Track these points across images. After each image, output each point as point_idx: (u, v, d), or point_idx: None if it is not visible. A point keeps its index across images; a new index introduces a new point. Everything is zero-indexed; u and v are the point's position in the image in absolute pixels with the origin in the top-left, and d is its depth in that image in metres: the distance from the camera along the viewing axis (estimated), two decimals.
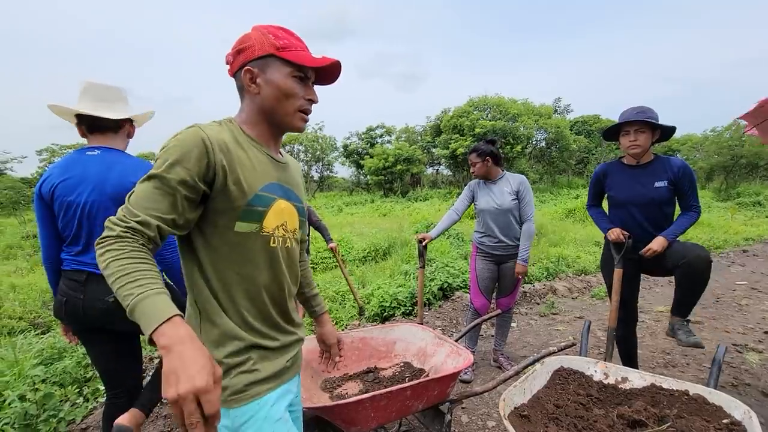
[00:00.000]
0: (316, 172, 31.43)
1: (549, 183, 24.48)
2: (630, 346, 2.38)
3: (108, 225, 0.75)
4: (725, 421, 1.25)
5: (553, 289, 4.98)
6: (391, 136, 31.22)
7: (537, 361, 1.60)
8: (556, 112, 30.14)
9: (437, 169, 33.77)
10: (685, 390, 1.43)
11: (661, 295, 4.85)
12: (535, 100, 25.24)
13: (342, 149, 31.06)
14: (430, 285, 4.34)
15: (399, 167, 25.30)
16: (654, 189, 2.10)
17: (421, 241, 2.63)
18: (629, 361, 2.38)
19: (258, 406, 0.89)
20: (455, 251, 6.03)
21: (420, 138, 30.95)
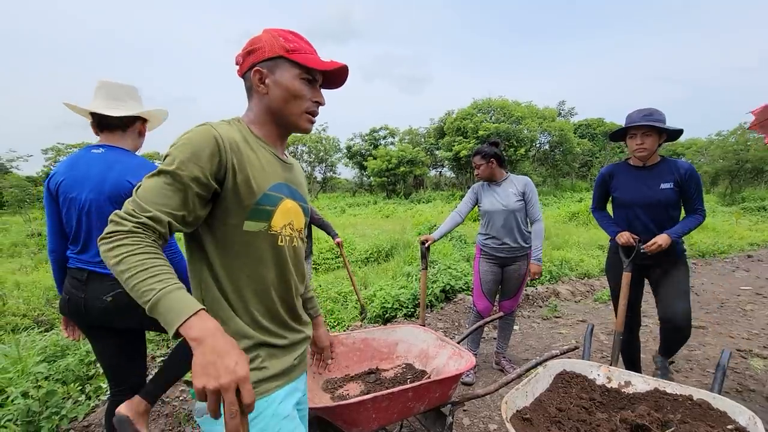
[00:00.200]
0: (320, 173, 31.50)
1: (552, 186, 24.41)
2: (633, 350, 2.37)
3: (116, 219, 0.74)
4: (730, 426, 1.24)
5: (555, 292, 4.96)
6: (394, 138, 31.25)
7: (539, 364, 1.59)
8: (560, 115, 30.07)
9: (440, 171, 33.75)
10: (689, 395, 1.41)
11: None
12: (538, 103, 25.24)
13: (345, 150, 31.12)
14: (433, 287, 4.34)
15: (402, 169, 25.31)
16: (659, 190, 2.09)
17: (423, 243, 2.63)
18: (632, 365, 2.37)
19: (266, 403, 0.89)
20: (458, 253, 6.02)
21: (423, 140, 30.96)
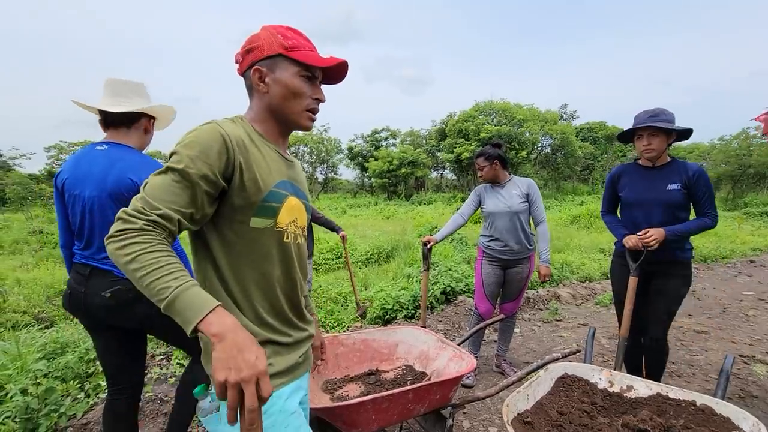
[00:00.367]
0: (321, 173, 31.52)
1: (554, 189, 24.37)
2: (637, 356, 2.35)
3: (125, 217, 0.72)
4: None
5: (556, 295, 4.94)
6: (396, 139, 31.29)
7: (540, 368, 1.58)
8: (562, 118, 30.07)
9: (441, 173, 33.76)
10: (692, 400, 1.40)
11: None
12: (540, 106, 25.29)
13: (347, 151, 31.16)
14: (433, 288, 4.33)
15: (403, 170, 25.32)
16: (666, 191, 2.06)
17: (426, 244, 2.61)
18: (637, 371, 2.35)
19: (273, 400, 0.89)
20: (458, 255, 6.01)
21: (425, 141, 30.98)
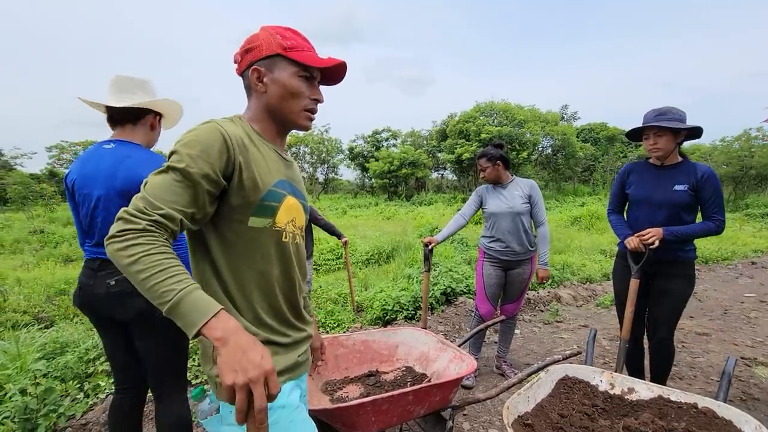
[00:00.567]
0: (321, 174, 31.56)
1: (554, 190, 24.36)
2: (638, 358, 2.34)
3: (126, 217, 0.71)
4: None
5: (557, 296, 4.93)
6: (396, 140, 31.32)
7: (541, 369, 1.57)
8: (563, 119, 30.08)
9: (442, 174, 33.79)
10: (693, 403, 1.39)
11: None
12: (541, 107, 25.24)
13: (347, 152, 31.19)
14: (434, 289, 4.32)
15: (404, 171, 25.34)
16: (672, 192, 2.04)
17: (427, 245, 2.61)
18: (638, 373, 2.34)
19: (277, 397, 0.89)
20: (459, 256, 6.00)
21: (425, 142, 31.00)
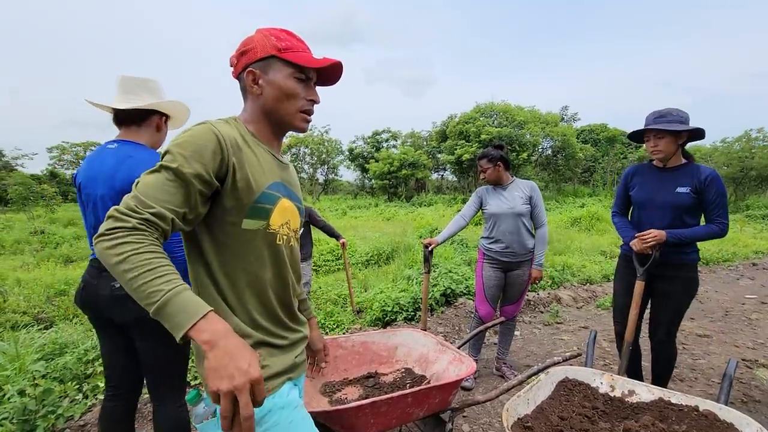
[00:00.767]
0: (321, 174, 31.57)
1: (554, 191, 24.35)
2: (635, 358, 2.33)
3: (116, 215, 0.70)
4: None
5: (557, 298, 4.92)
6: (396, 141, 31.36)
7: (541, 371, 1.57)
8: (563, 120, 30.10)
9: (442, 175, 33.83)
10: (694, 405, 1.38)
11: None
12: (541, 108, 25.28)
13: (347, 153, 31.21)
14: (433, 291, 4.31)
15: (404, 172, 25.34)
16: (675, 194, 2.03)
17: (427, 246, 2.60)
18: (635, 374, 2.33)
19: (275, 399, 0.90)
20: (459, 257, 5.99)
21: (425, 143, 31.03)
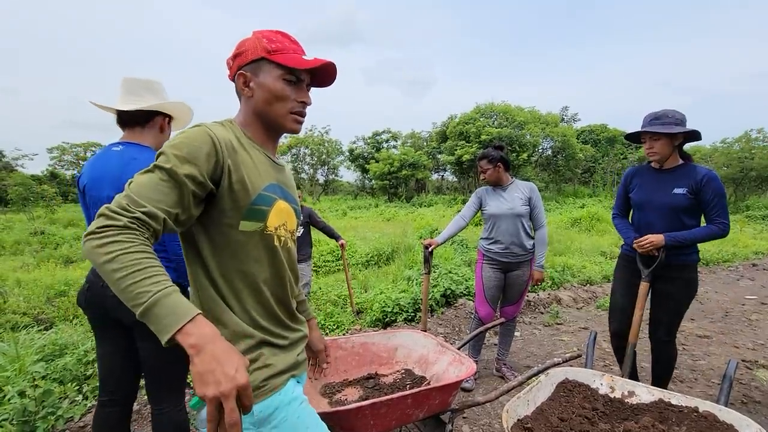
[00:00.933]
0: (322, 175, 31.62)
1: (555, 192, 24.35)
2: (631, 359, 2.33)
3: (107, 213, 0.69)
4: None
5: (557, 298, 4.92)
6: (397, 141, 31.38)
7: (541, 372, 1.57)
8: (563, 120, 30.11)
9: (442, 175, 33.83)
10: (694, 407, 1.38)
11: None
12: (541, 108, 25.26)
13: (348, 153, 31.24)
14: (433, 291, 4.31)
15: (404, 172, 25.35)
16: (672, 195, 2.03)
17: (427, 247, 2.60)
18: (631, 375, 2.33)
19: (281, 395, 0.91)
20: (459, 258, 5.99)
21: (426, 144, 31.05)
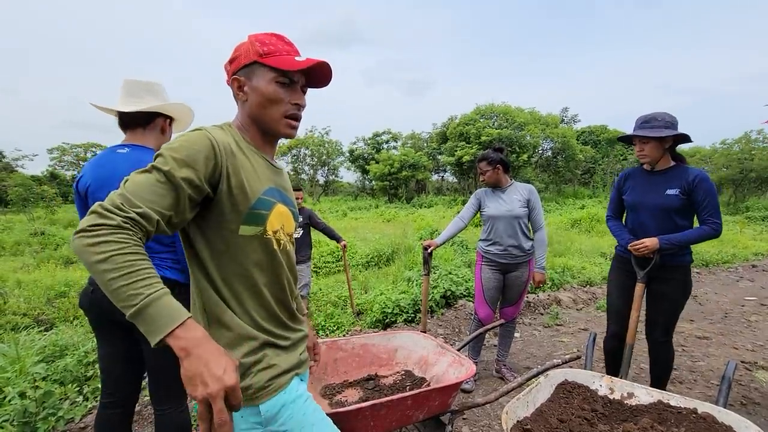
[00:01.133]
0: (322, 176, 31.63)
1: (554, 193, 24.37)
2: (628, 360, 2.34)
3: (100, 211, 0.68)
4: None
5: (557, 299, 4.92)
6: (397, 142, 31.41)
7: (541, 374, 1.57)
8: (563, 121, 30.14)
9: (442, 176, 33.86)
10: (693, 408, 1.39)
11: None
12: (541, 110, 25.30)
13: (348, 154, 31.26)
14: (433, 292, 4.31)
15: (404, 173, 25.37)
16: (664, 196, 2.06)
17: (426, 248, 2.61)
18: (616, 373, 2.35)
19: (286, 394, 0.92)
20: (459, 259, 6.00)
21: (426, 144, 31.08)
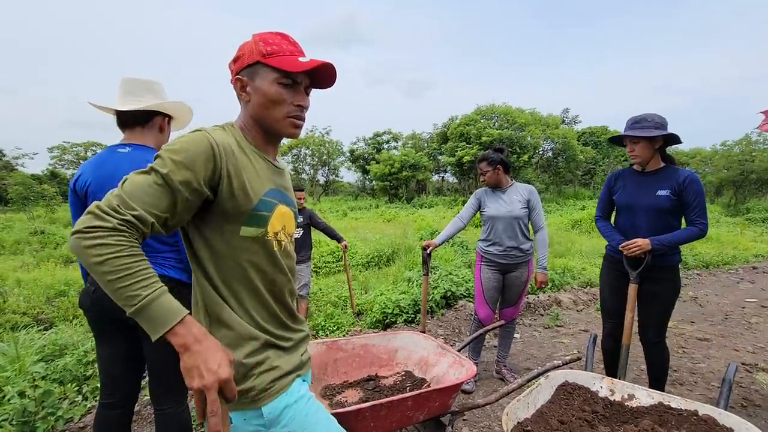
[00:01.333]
0: (322, 176, 31.65)
1: (555, 193, 24.37)
2: (617, 359, 2.34)
3: (97, 212, 0.69)
4: None
5: (557, 300, 4.91)
6: (397, 142, 31.44)
7: (541, 375, 1.57)
8: (564, 122, 30.14)
9: (443, 177, 33.87)
10: (694, 410, 1.38)
11: None
12: (542, 110, 25.32)
13: (348, 154, 31.28)
14: (433, 293, 4.31)
15: (405, 173, 25.38)
16: (655, 196, 2.08)
17: (425, 248, 2.61)
18: (614, 374, 2.35)
19: (288, 395, 0.92)
20: (459, 259, 5.99)
21: (426, 145, 31.09)
